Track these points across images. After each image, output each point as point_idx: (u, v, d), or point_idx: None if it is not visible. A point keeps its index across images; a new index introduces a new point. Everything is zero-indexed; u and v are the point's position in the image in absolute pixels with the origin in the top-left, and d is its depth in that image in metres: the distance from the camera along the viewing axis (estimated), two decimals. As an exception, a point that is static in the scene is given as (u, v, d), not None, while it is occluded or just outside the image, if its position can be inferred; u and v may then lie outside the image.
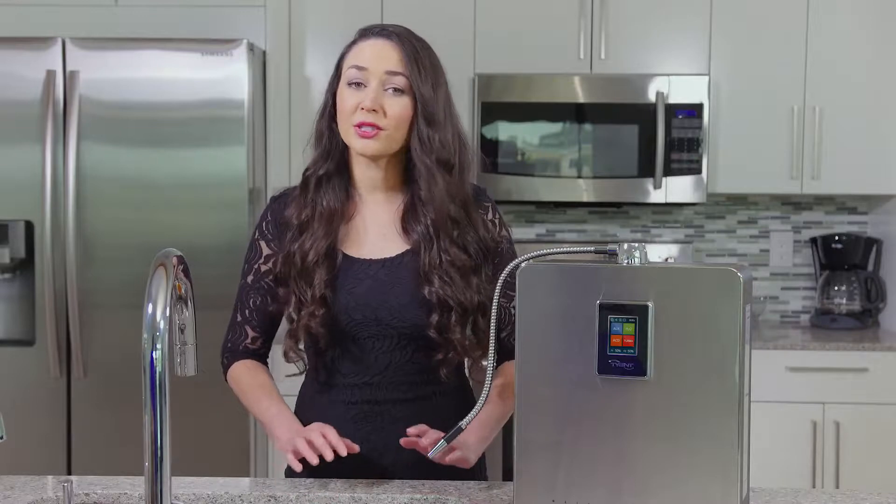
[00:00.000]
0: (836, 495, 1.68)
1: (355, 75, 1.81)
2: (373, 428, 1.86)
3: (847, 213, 4.29)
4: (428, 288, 1.81)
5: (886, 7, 3.89)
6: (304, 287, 1.83)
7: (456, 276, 1.81)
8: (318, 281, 1.82)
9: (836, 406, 3.67)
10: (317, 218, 1.86)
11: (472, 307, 1.83)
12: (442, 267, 1.81)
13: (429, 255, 1.82)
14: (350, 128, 1.81)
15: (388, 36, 1.82)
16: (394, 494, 1.67)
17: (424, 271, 1.82)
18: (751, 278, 1.48)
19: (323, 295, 1.82)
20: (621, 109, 3.87)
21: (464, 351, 1.84)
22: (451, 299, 1.80)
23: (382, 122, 1.80)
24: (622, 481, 1.47)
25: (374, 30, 1.85)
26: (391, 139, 1.82)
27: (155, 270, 1.33)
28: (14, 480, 1.74)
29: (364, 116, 1.79)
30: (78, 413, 3.56)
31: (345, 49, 1.87)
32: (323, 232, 1.84)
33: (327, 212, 1.86)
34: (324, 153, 1.88)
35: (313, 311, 1.82)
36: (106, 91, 3.52)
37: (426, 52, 1.84)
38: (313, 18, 3.91)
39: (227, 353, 1.96)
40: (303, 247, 1.84)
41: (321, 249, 1.83)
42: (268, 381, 1.91)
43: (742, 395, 1.43)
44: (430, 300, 1.81)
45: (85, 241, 3.52)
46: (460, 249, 1.83)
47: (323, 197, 1.87)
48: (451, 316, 1.81)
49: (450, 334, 1.81)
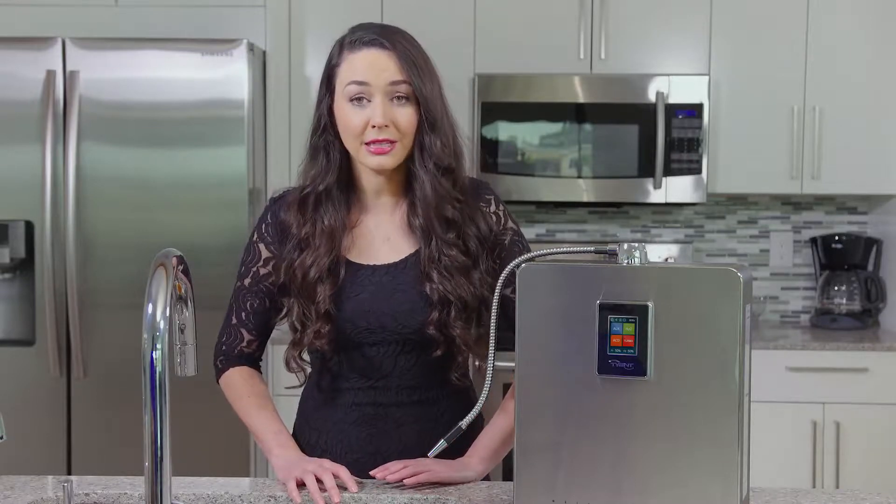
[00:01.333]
0: (836, 495, 1.68)
1: (356, 91, 1.76)
2: (375, 431, 1.85)
3: (847, 213, 4.29)
4: (429, 285, 1.80)
5: (886, 7, 3.89)
6: (307, 303, 1.81)
7: (455, 273, 1.80)
8: (321, 297, 1.80)
9: (836, 406, 3.67)
10: (318, 235, 1.83)
11: (474, 302, 1.82)
12: (441, 263, 1.80)
13: (428, 251, 1.81)
14: (361, 146, 1.78)
15: (381, 45, 1.77)
16: (394, 494, 1.66)
17: (424, 269, 1.81)
18: (751, 278, 1.48)
19: (327, 311, 1.80)
20: (621, 109, 3.88)
21: (467, 346, 1.82)
22: (452, 294, 1.79)
23: (395, 136, 1.77)
24: (622, 481, 1.47)
25: (364, 39, 1.79)
26: (404, 149, 1.80)
27: (155, 270, 1.33)
28: (14, 480, 1.74)
29: (377, 134, 1.75)
30: (78, 413, 3.56)
31: (332, 62, 1.82)
32: (325, 249, 1.81)
33: (328, 229, 1.83)
34: (322, 170, 1.84)
35: (319, 330, 1.80)
36: (106, 91, 3.52)
37: (417, 50, 1.80)
38: (313, 18, 3.91)
39: (221, 357, 1.93)
40: (304, 263, 1.82)
41: (323, 266, 1.81)
42: (264, 392, 1.89)
43: (742, 395, 1.43)
44: (432, 297, 1.79)
45: (85, 241, 3.52)
46: (459, 249, 1.82)
47: (323, 215, 1.83)
48: (451, 311, 1.79)
49: (450, 330, 1.80)
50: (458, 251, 1.82)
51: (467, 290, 1.80)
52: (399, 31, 1.83)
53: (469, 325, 1.81)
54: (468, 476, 1.77)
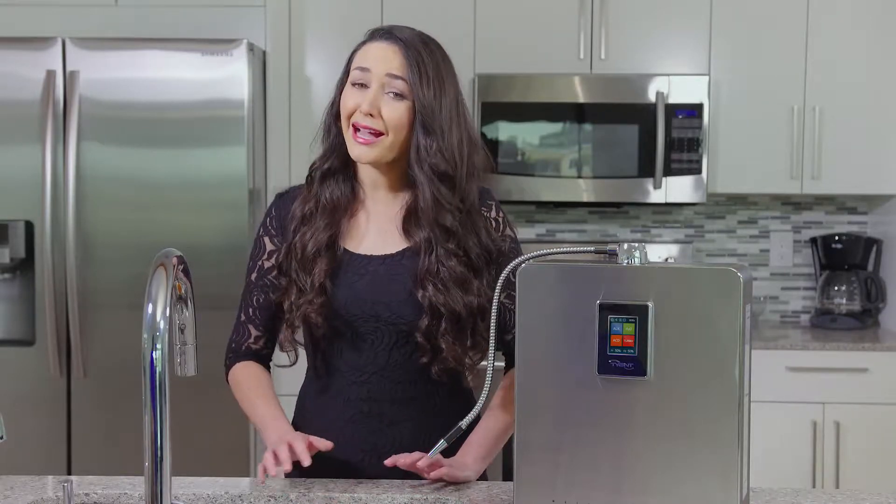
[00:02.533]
0: (836, 495, 1.68)
1: (359, 76, 1.81)
2: (372, 429, 1.86)
3: (847, 213, 4.29)
4: (422, 292, 1.80)
5: (886, 7, 3.89)
6: (304, 277, 1.83)
7: (451, 285, 1.80)
8: (317, 271, 1.82)
9: (836, 406, 3.67)
10: (319, 210, 1.87)
11: (468, 313, 1.81)
12: (438, 275, 1.80)
13: (427, 261, 1.81)
14: (348, 129, 1.82)
15: (394, 39, 1.81)
16: (394, 494, 1.67)
17: (420, 276, 1.81)
18: (751, 278, 1.48)
19: (322, 284, 1.82)
20: (621, 109, 3.88)
21: (455, 360, 1.82)
22: (444, 307, 1.78)
23: (380, 126, 1.79)
24: (622, 481, 1.47)
25: (382, 31, 1.85)
26: (390, 146, 1.81)
27: (155, 270, 1.33)
28: (14, 480, 1.74)
29: (361, 119, 1.79)
30: (78, 413, 3.56)
31: (355, 47, 1.87)
32: (324, 224, 1.85)
33: (330, 204, 1.86)
34: (330, 148, 1.89)
35: (312, 299, 1.81)
36: (106, 91, 3.52)
37: (432, 58, 1.81)
38: (313, 18, 3.91)
39: (230, 354, 1.95)
40: (303, 238, 1.85)
41: (322, 241, 1.84)
42: (268, 384, 1.90)
43: (742, 395, 1.43)
44: (423, 304, 1.80)
45: (85, 241, 3.52)
46: (459, 259, 1.81)
47: (326, 189, 1.88)
48: (441, 323, 1.79)
49: (436, 341, 1.80)
50: (458, 261, 1.81)
51: (461, 304, 1.80)
52: (423, 39, 1.84)
53: (458, 340, 1.81)
54: (469, 476, 1.77)
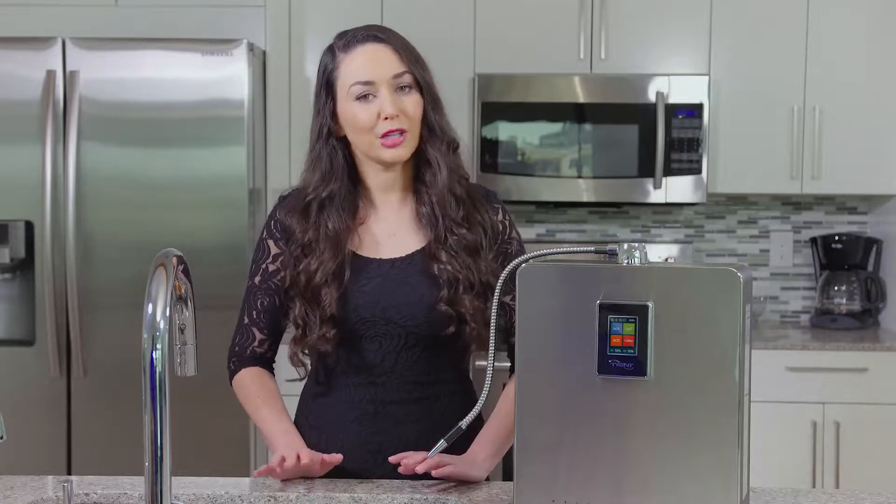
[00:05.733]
0: (836, 495, 1.68)
1: (362, 90, 1.80)
2: (376, 429, 1.86)
3: (847, 213, 4.29)
4: (437, 265, 1.82)
5: (886, 8, 3.89)
6: (312, 306, 1.82)
7: (462, 252, 1.83)
8: (327, 301, 1.81)
9: (836, 406, 3.67)
10: (322, 239, 1.84)
11: (480, 285, 1.83)
12: (448, 243, 1.83)
13: (435, 232, 1.84)
14: (375, 140, 1.81)
15: (376, 39, 1.82)
16: (394, 494, 1.67)
17: (432, 250, 1.83)
18: (751, 278, 1.48)
19: (332, 315, 1.81)
20: (621, 109, 3.87)
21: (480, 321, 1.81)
22: (459, 273, 1.81)
23: (404, 124, 1.81)
24: (622, 481, 1.47)
25: (357, 37, 1.83)
26: (414, 139, 1.84)
27: (155, 270, 1.33)
28: (14, 480, 1.74)
29: (389, 125, 1.79)
30: (78, 413, 3.56)
31: (328, 69, 1.84)
32: (330, 254, 1.83)
33: (333, 233, 1.84)
34: (324, 175, 1.86)
35: (324, 334, 1.81)
36: (106, 91, 3.52)
37: (405, 40, 1.86)
38: (313, 18, 3.90)
39: (234, 358, 1.93)
40: (308, 268, 1.83)
41: (329, 270, 1.82)
42: (275, 392, 1.90)
43: (742, 395, 1.43)
44: (440, 278, 1.81)
45: (85, 241, 3.52)
46: (466, 229, 1.85)
47: (327, 220, 1.85)
48: (460, 288, 1.81)
49: (460, 306, 1.81)
50: (466, 231, 1.85)
51: (474, 271, 1.82)
52: (384, 27, 1.88)
53: (477, 301, 1.82)
54: (480, 476, 1.77)
